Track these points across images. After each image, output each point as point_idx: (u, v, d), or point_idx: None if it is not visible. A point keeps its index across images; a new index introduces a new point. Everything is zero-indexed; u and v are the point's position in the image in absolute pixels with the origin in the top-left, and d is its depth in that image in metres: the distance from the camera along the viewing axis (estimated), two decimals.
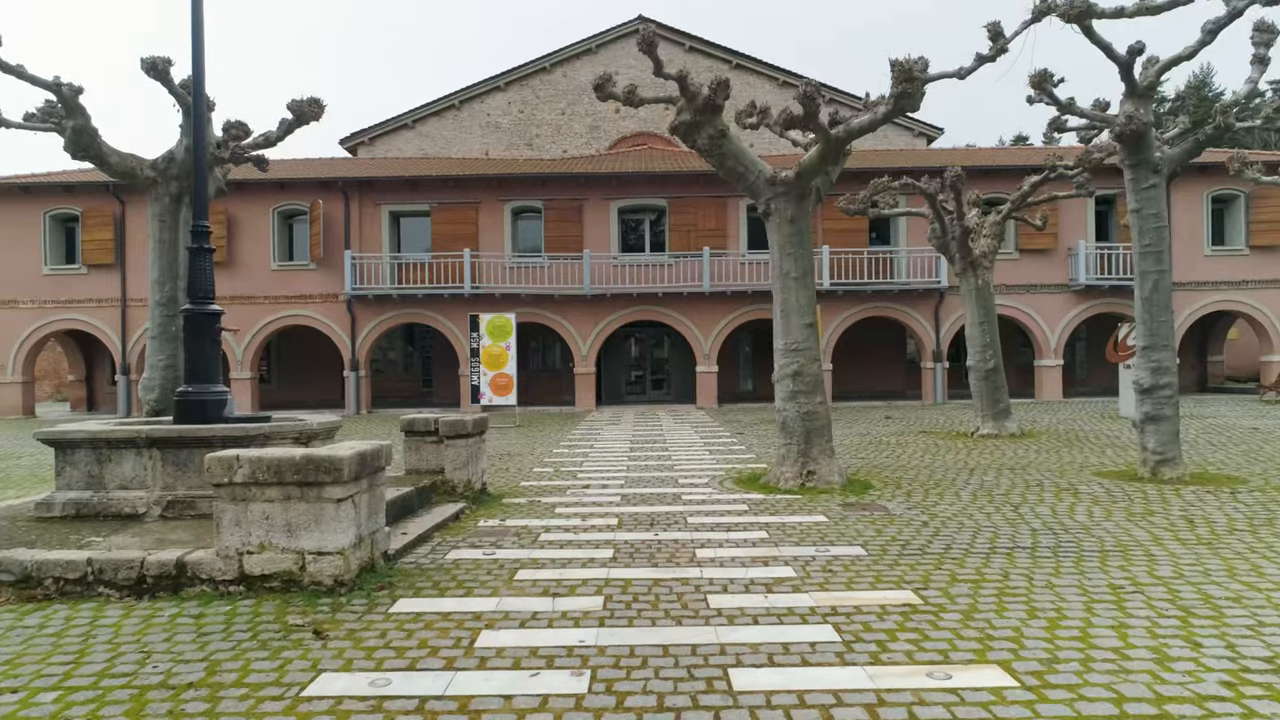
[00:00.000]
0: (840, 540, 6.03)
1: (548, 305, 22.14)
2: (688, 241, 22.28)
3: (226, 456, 4.73)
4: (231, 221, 22.16)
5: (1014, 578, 4.92)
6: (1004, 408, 13.29)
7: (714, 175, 22.60)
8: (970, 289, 13.43)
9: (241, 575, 4.72)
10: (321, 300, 22.26)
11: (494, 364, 17.35)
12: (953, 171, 12.30)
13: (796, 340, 8.71)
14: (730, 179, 8.96)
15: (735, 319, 22.21)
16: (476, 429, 7.86)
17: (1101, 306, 22.23)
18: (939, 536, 6.10)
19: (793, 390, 8.67)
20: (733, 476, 9.40)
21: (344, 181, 22.09)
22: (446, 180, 22.30)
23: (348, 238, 22.21)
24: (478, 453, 7.98)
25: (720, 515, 7.09)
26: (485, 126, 30.37)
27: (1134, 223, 8.73)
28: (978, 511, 7.06)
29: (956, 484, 8.57)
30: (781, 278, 8.82)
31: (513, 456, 11.82)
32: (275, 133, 9.69)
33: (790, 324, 8.76)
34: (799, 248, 8.77)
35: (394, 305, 22.15)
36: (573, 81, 30.39)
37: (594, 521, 6.88)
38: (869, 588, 4.77)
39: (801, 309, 8.75)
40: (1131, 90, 8.44)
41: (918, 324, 22.28)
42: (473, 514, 7.26)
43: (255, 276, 22.23)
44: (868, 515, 6.97)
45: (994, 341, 13.41)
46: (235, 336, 22.00)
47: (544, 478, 9.60)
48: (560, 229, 22.39)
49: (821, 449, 8.60)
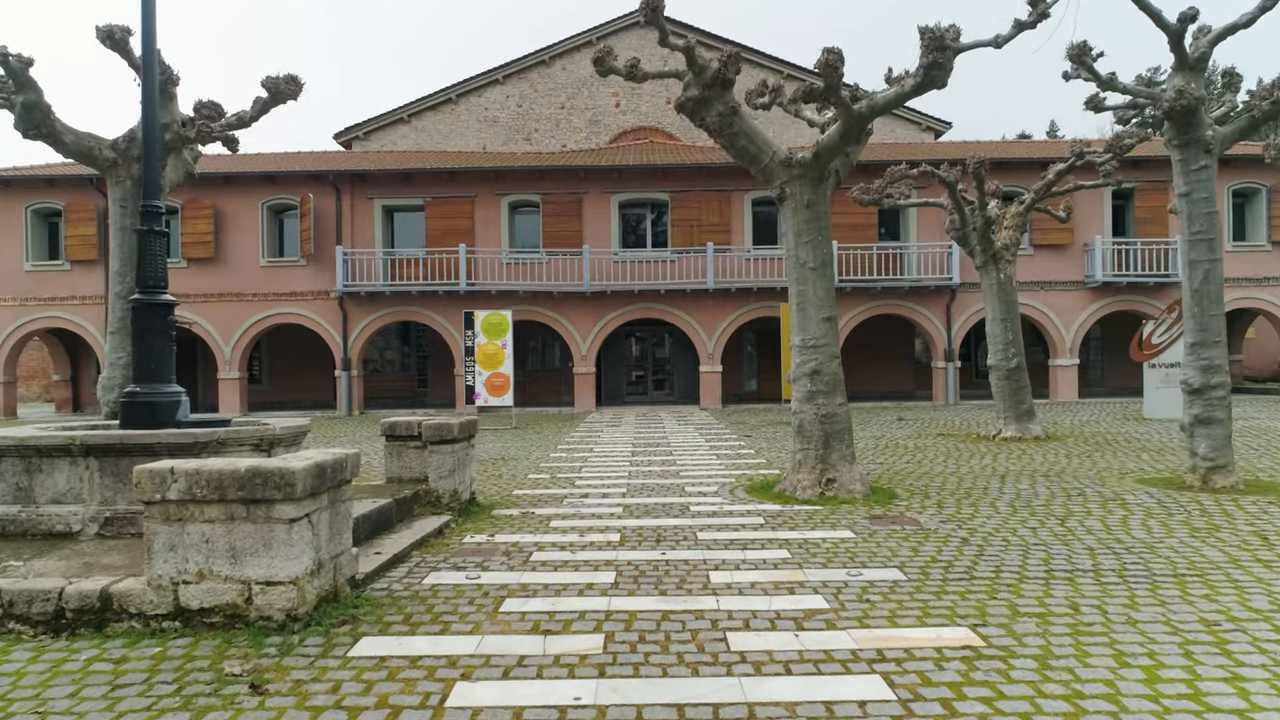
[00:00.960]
0: (873, 561, 5.30)
1: (546, 303, 21.42)
2: (691, 237, 21.55)
3: (159, 469, 4.01)
4: (219, 216, 21.44)
5: (1085, 610, 4.20)
6: (1027, 409, 12.56)
7: (718, 168, 21.97)
8: (991, 283, 12.71)
9: (177, 609, 4.00)
10: (312, 297, 21.53)
11: (490, 363, 16.63)
12: (975, 159, 11.59)
13: (814, 336, 7.99)
14: (741, 161, 8.24)
15: (740, 317, 21.49)
16: (464, 433, 7.14)
17: (1118, 304, 21.51)
18: (984, 556, 5.37)
19: (810, 390, 7.95)
20: (744, 484, 8.67)
21: (335, 174, 21.36)
22: (441, 173, 21.58)
23: (339, 233, 21.49)
24: (465, 459, 7.26)
25: (734, 530, 6.37)
26: (483, 121, 29.68)
27: (1183, 208, 8.01)
28: (1020, 525, 6.33)
29: (989, 493, 7.84)
30: (798, 268, 8.10)
31: (507, 461, 11.10)
32: (249, 112, 8.95)
33: (808, 318, 8.04)
34: (816, 235, 8.05)
35: (387, 302, 21.43)
36: (572, 75, 29.71)
37: (593, 538, 6.16)
38: (917, 623, 4.05)
39: (820, 302, 8.03)
40: (1182, 62, 7.72)
41: (929, 322, 21.55)
42: (458, 528, 6.54)
43: (244, 273, 21.50)
44: (898, 530, 6.24)
45: (1017, 339, 12.69)
46: (194, 328, 21.28)
47: (539, 485, 8.87)
48: (559, 224, 21.67)
49: (842, 454, 7.87)
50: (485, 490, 8.51)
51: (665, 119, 29.75)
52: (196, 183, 21.46)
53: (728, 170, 21.66)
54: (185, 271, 21.47)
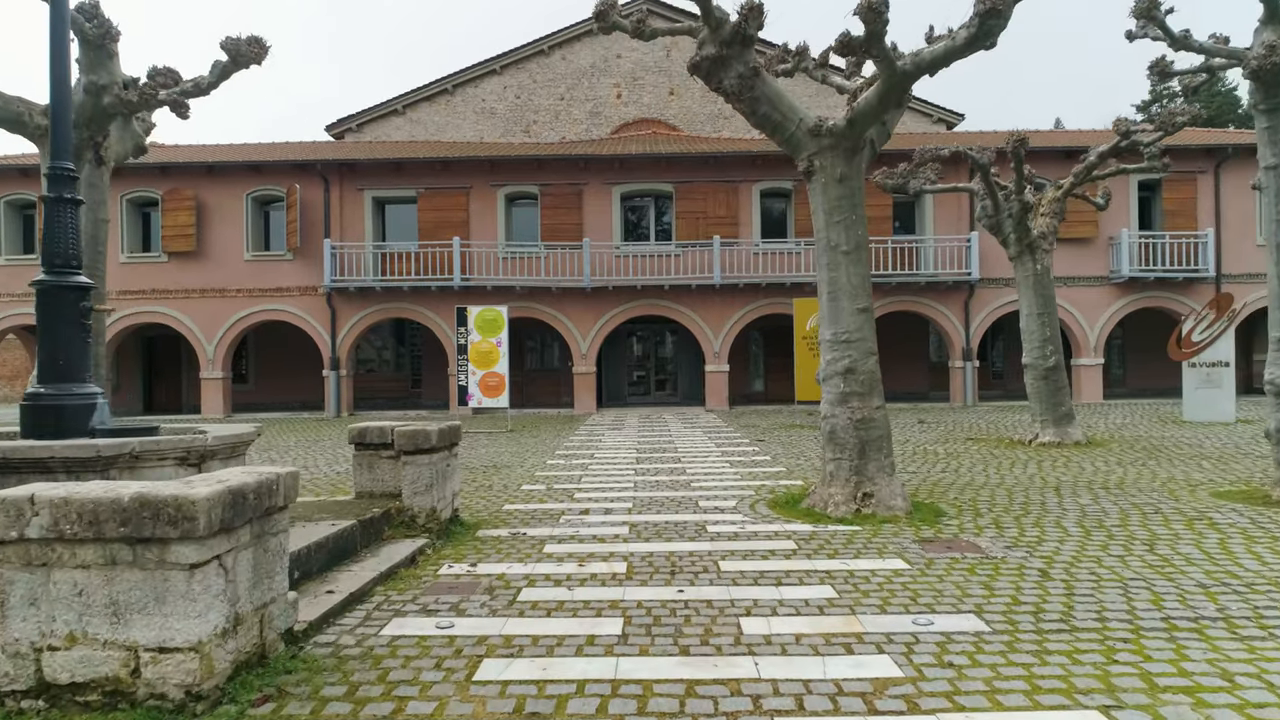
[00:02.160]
0: (941, 603, 4.29)
1: (544, 299, 20.41)
2: (696, 230, 20.54)
3: (15, 498, 3.00)
4: (201, 207, 20.42)
5: (1242, 680, 3.19)
6: (1066, 411, 11.55)
7: (725, 158, 20.97)
8: (1027, 275, 11.69)
9: (40, 683, 3.00)
10: (299, 293, 20.51)
11: (484, 362, 15.61)
12: (1015, 136, 10.56)
13: (848, 329, 6.98)
14: (764, 129, 7.23)
15: (748, 314, 20.47)
16: (444, 441, 6.12)
17: (1145, 300, 20.49)
18: (1077, 597, 4.36)
19: (844, 392, 6.94)
20: (765, 498, 7.66)
21: (323, 164, 20.35)
22: (434, 163, 20.56)
23: (327, 225, 20.47)
24: (446, 472, 6.24)
25: (762, 557, 5.36)
26: (480, 112, 28.66)
27: (1270, 183, 6.99)
28: (1103, 553, 5.32)
29: (1050, 510, 6.83)
30: (828, 251, 7.09)
31: (499, 470, 10.09)
32: (208, 77, 7.96)
33: (840, 310, 7.03)
34: (850, 214, 7.04)
35: (377, 299, 20.41)
36: (572, 65, 28.72)
37: (595, 568, 5.15)
38: (1029, 703, 3.04)
39: (853, 291, 7.02)
40: (1272, 13, 6.71)
41: (946, 319, 20.53)
42: (435, 554, 5.53)
43: (227, 267, 20.49)
44: (959, 559, 5.23)
45: (1055, 335, 11.68)
46: (175, 325, 20.25)
47: (534, 499, 7.86)
48: (558, 216, 20.65)
49: (880, 465, 6.86)
50: (471, 505, 7.50)
51: (668, 111, 28.76)
52: (176, 172, 20.53)
53: (735, 160, 20.66)
54: (166, 266, 20.48)
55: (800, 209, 20.69)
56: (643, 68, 28.97)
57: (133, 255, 20.60)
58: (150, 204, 20.91)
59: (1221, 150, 20.12)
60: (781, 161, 20.63)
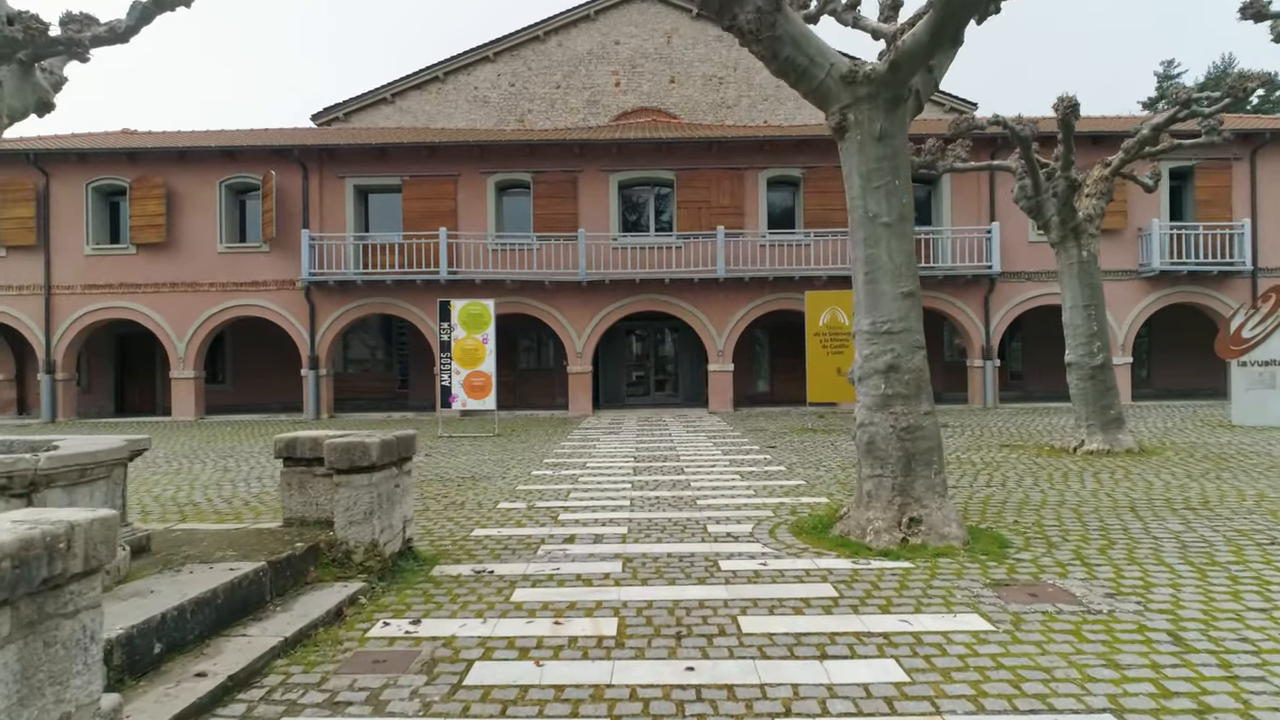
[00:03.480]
0: (1059, 694, 3.05)
1: (537, 293, 19.15)
2: (699, 220, 19.29)
3: None
4: (172, 196, 19.16)
5: None
6: (1115, 416, 10.32)
7: (729, 143, 19.72)
8: (1071, 262, 10.46)
9: None
10: (276, 287, 19.26)
11: (469, 360, 14.36)
12: (1066, 102, 9.31)
13: (890, 318, 5.74)
14: (786, 77, 5.99)
15: (753, 309, 19.22)
16: (388, 457, 4.87)
17: (1177, 296, 19.24)
18: (1242, 681, 3.12)
19: (885, 394, 5.69)
20: (787, 521, 6.41)
21: (301, 150, 19.08)
22: (420, 149, 19.30)
23: (306, 215, 19.22)
24: (393, 494, 5.00)
25: (795, 611, 4.12)
26: (472, 101, 27.47)
27: None
28: (1236, 604, 4.09)
29: (1137, 538, 5.59)
30: (866, 224, 5.85)
31: (478, 482, 8.84)
32: (126, 20, 6.70)
33: (880, 294, 5.79)
34: (891, 178, 5.80)
35: (358, 293, 19.16)
36: (569, 51, 27.55)
37: (575, 627, 3.91)
38: None
39: (897, 271, 5.78)
40: None
41: (964, 316, 19.29)
42: (372, 604, 4.29)
43: (200, 260, 19.23)
44: (1054, 615, 3.99)
45: (1103, 330, 10.46)
46: (145, 321, 18.98)
47: (510, 521, 6.62)
48: (551, 206, 19.40)
49: (929, 484, 5.62)
50: (434, 530, 6.26)
51: (669, 100, 27.59)
52: (146, 158, 19.28)
53: (740, 146, 19.42)
54: (134, 258, 19.23)
55: (810, 198, 19.45)
56: (642, 55, 27.81)
57: (99, 247, 19.35)
58: (118, 193, 19.65)
59: (1259, 135, 18.88)
60: (789, 147, 19.41)
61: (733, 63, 27.62)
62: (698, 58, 27.85)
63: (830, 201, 19.30)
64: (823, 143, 19.33)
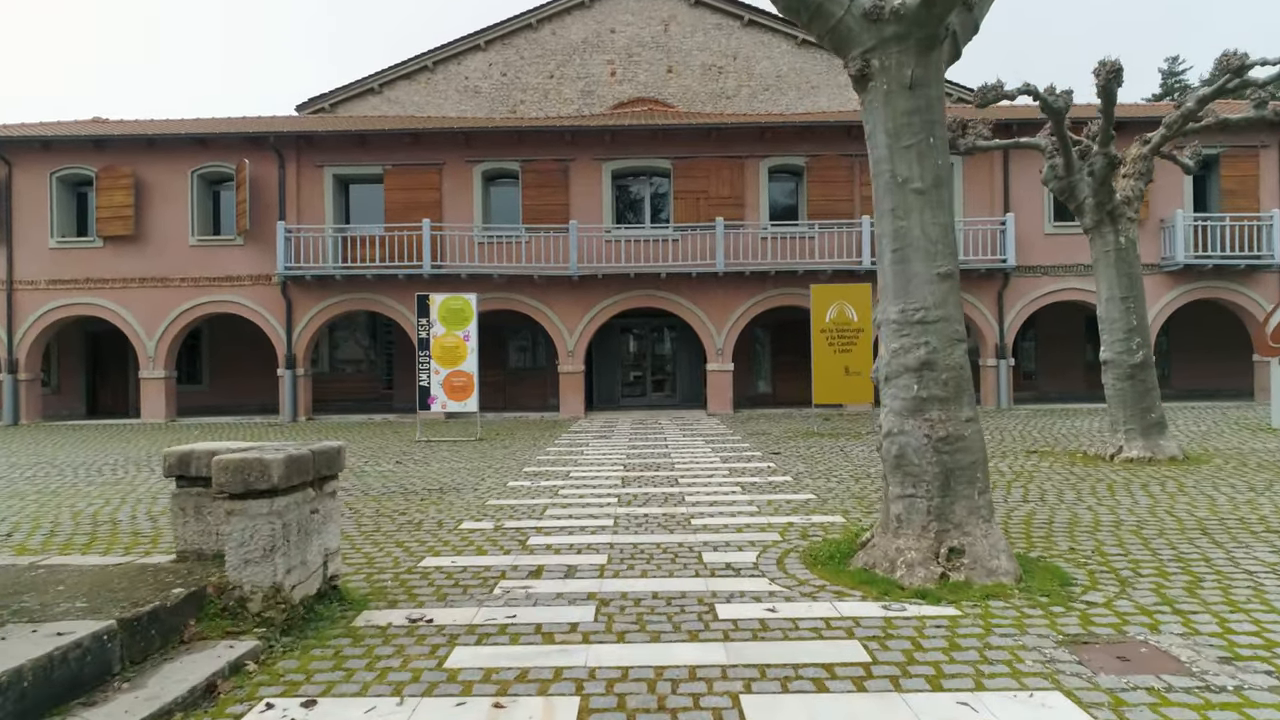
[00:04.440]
0: None
1: (526, 288, 18.14)
2: (697, 211, 18.28)
3: None
4: (140, 186, 18.15)
5: None
6: (1157, 419, 9.31)
7: (729, 129, 18.69)
8: (1108, 249, 9.46)
9: None
10: (251, 282, 18.24)
11: (449, 359, 13.36)
12: (1107, 67, 8.29)
13: (923, 304, 4.74)
14: (796, 16, 5.00)
15: (754, 305, 18.21)
16: (298, 477, 3.85)
17: (1201, 291, 18.24)
18: None
19: (918, 397, 4.69)
20: (798, 547, 5.41)
21: (277, 138, 18.06)
22: (402, 136, 18.29)
23: (283, 206, 18.19)
24: (308, 524, 3.98)
25: (816, 686, 3.11)
26: (462, 91, 26.51)
27: None
28: None
29: (1224, 571, 4.59)
30: (893, 191, 4.85)
31: (446, 495, 7.84)
32: None
33: (911, 275, 4.79)
34: (925, 135, 4.80)
35: (338, 288, 18.14)
36: (563, 40, 26.59)
37: (522, 712, 2.90)
38: None
39: (931, 248, 4.78)
40: None
41: (976, 312, 18.27)
42: (260, 674, 3.28)
43: (170, 254, 18.21)
44: (1163, 694, 2.98)
45: (1143, 325, 9.45)
46: (113, 319, 17.96)
47: (470, 546, 5.61)
48: (541, 196, 18.38)
49: (971, 506, 4.62)
50: (379, 557, 5.25)
51: (667, 90, 26.63)
52: (113, 146, 18.28)
53: (740, 133, 18.42)
54: (101, 252, 18.22)
55: (814, 188, 18.45)
56: (638, 43, 26.86)
57: (64, 240, 18.34)
58: (85, 183, 18.64)
59: None
60: (792, 135, 18.41)
61: (732, 51, 26.68)
62: (696, 46, 26.88)
63: (835, 192, 18.31)
64: (827, 130, 18.34)
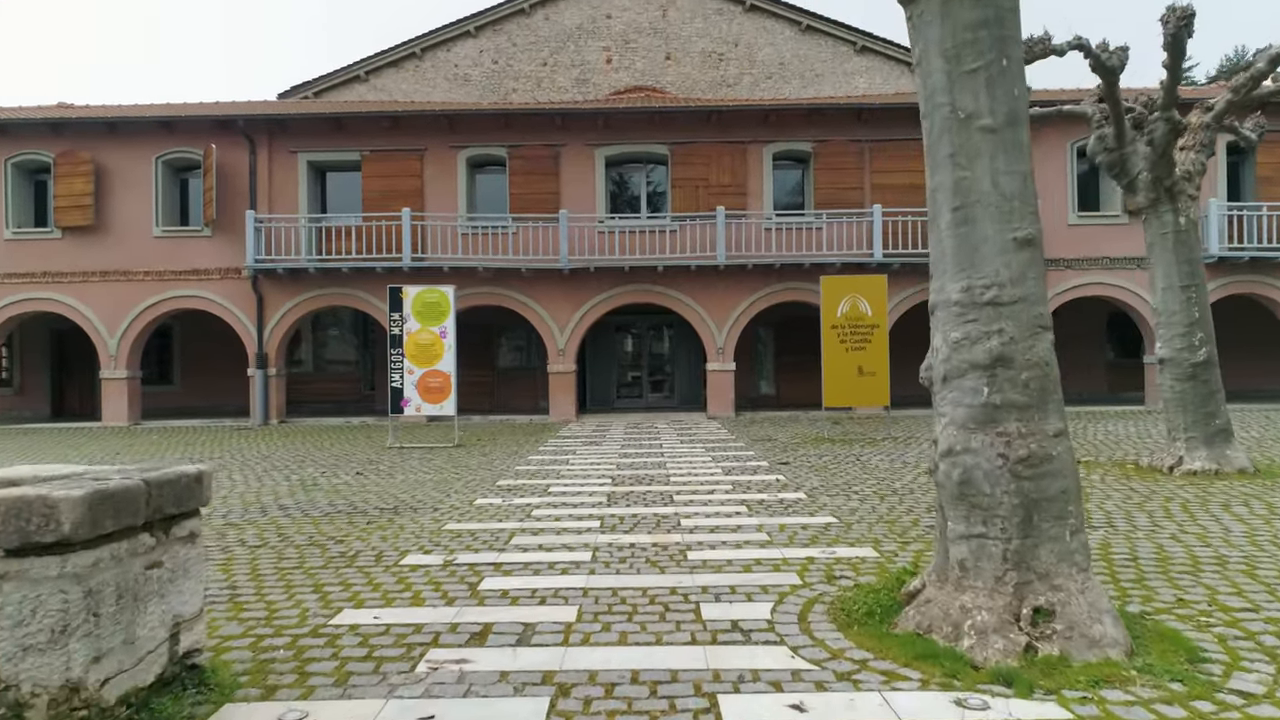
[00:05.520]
0: None
1: (513, 282, 16.95)
2: (696, 200, 17.11)
3: None
4: (101, 173, 16.97)
5: None
6: (1222, 426, 8.14)
7: (730, 112, 17.42)
8: (1165, 232, 8.28)
9: None
10: (219, 276, 17.07)
11: (424, 357, 12.18)
12: (1178, 11, 7.10)
13: (996, 278, 3.55)
14: None
15: (758, 301, 17.03)
16: (103, 523, 2.64)
17: (1236, 285, 17.04)
18: None
19: (989, 403, 3.51)
20: (825, 597, 4.22)
21: (247, 121, 16.89)
22: (381, 119, 17.12)
23: (254, 195, 17.02)
24: (140, 586, 2.79)
25: None
26: (452, 79, 25.35)
27: None
28: None
29: None
30: (955, 128, 3.66)
31: (400, 516, 6.66)
32: None
33: (978, 240, 3.60)
34: (995, 56, 3.61)
35: (312, 282, 16.96)
36: (557, 26, 25.43)
37: None
38: None
39: (1006, 205, 3.59)
40: None
41: None
42: None
43: (133, 245, 17.03)
44: None
45: (1205, 318, 8.27)
46: (72, 315, 16.77)
47: (404, 593, 4.42)
48: (530, 184, 17.20)
49: (1063, 551, 3.43)
50: (283, 610, 4.06)
51: (665, 78, 25.46)
52: (72, 131, 17.12)
53: (742, 116, 17.24)
54: (59, 243, 17.04)
55: (822, 175, 17.27)
56: (635, 29, 25.70)
57: (20, 230, 17.18)
58: (43, 170, 17.47)
59: None
60: (798, 118, 17.21)
61: (733, 38, 25.54)
62: (696, 32, 25.73)
63: (844, 179, 17.13)
64: (836, 112, 17.16)
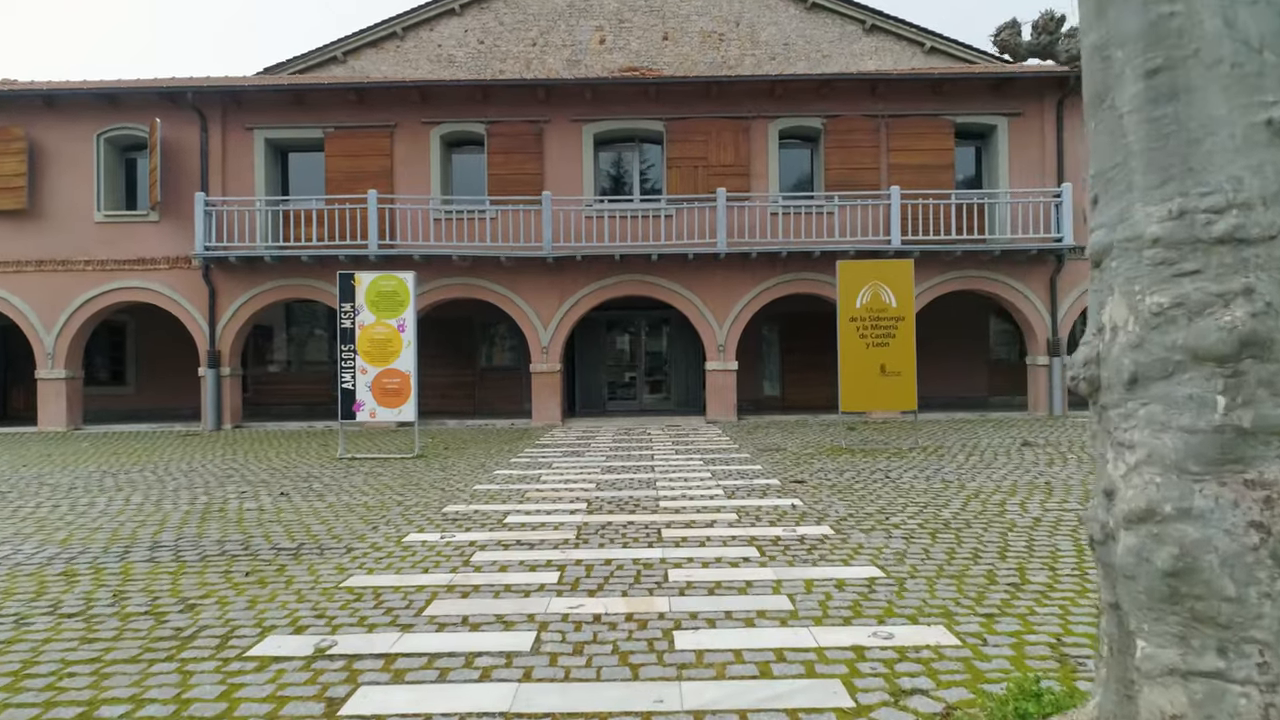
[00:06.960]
0: None
1: (492, 273, 15.34)
2: (694, 182, 15.50)
3: None
4: (36, 151, 15.35)
5: None
6: None
7: (731, 84, 15.42)
8: None
9: None
10: (168, 265, 15.45)
11: (380, 355, 10.57)
12: None
13: (1236, 193, 1.93)
14: None
15: (763, 293, 15.41)
16: None
17: None
18: None
19: (1231, 425, 1.89)
20: None
21: (198, 95, 15.27)
22: (347, 92, 15.52)
23: (205, 176, 15.41)
24: None
25: None
26: (435, 60, 23.76)
27: None
28: None
29: None
30: None
31: (300, 558, 5.04)
32: None
33: (1197, 123, 1.98)
34: None
35: (270, 272, 15.34)
36: (547, 3, 23.85)
37: None
38: None
39: (1249, 58, 1.97)
40: None
41: (1024, 301, 15.48)
42: None
43: (72, 231, 15.42)
44: None
45: None
46: (3, 308, 15.13)
47: (229, 712, 2.80)
48: (510, 164, 15.59)
49: None
50: None
51: (661, 59, 23.86)
52: (3, 105, 15.50)
53: (745, 89, 15.62)
54: None
55: (833, 155, 15.66)
56: (630, 7, 24.11)
57: None
58: None
59: None
60: (808, 92, 15.60)
61: (734, 17, 23.94)
62: (694, 11, 24.14)
63: (858, 159, 15.53)
64: (848, 85, 15.55)
